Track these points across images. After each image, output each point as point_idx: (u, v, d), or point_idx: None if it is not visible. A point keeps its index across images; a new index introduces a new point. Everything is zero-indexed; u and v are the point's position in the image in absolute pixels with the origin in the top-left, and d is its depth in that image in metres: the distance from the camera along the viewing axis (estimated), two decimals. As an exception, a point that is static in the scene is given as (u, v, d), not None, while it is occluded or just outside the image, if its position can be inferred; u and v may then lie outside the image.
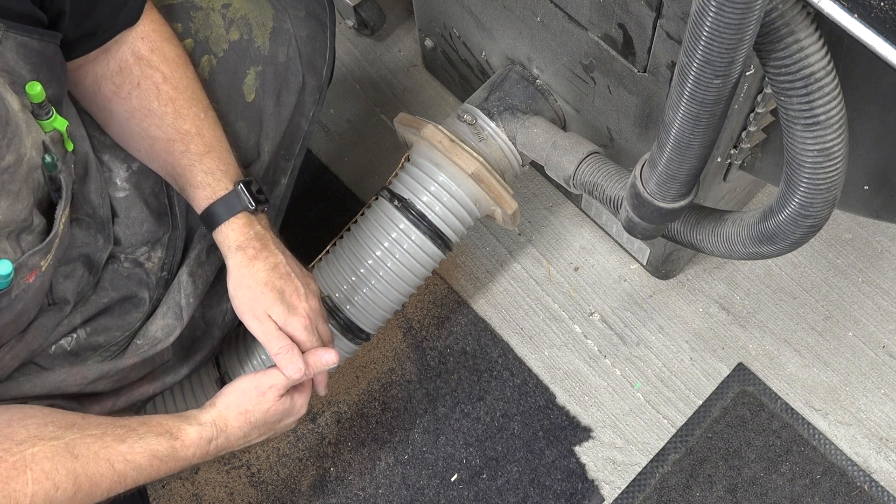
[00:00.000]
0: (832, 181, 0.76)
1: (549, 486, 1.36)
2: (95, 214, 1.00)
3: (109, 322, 1.04)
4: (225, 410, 0.99)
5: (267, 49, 1.08)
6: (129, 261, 1.05)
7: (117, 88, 0.97)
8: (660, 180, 0.88)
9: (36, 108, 0.84)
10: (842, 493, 1.32)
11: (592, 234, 1.51)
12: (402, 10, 1.71)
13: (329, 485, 1.39)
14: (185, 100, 0.99)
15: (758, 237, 0.88)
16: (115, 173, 1.05)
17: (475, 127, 1.23)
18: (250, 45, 1.07)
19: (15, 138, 0.80)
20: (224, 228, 0.99)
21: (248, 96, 1.08)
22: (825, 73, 0.70)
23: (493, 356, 1.45)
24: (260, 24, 1.08)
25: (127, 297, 1.05)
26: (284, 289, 1.00)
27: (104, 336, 1.04)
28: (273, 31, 1.08)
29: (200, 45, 1.05)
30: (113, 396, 1.07)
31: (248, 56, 1.07)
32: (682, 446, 1.37)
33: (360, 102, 1.65)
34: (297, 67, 1.10)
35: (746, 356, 1.42)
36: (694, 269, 1.48)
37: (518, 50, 1.26)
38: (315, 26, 1.11)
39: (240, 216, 0.99)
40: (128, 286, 1.05)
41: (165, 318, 1.06)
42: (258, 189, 1.01)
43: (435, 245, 1.21)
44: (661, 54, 1.00)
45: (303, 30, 1.10)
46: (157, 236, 1.06)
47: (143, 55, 0.97)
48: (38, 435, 0.86)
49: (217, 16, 1.06)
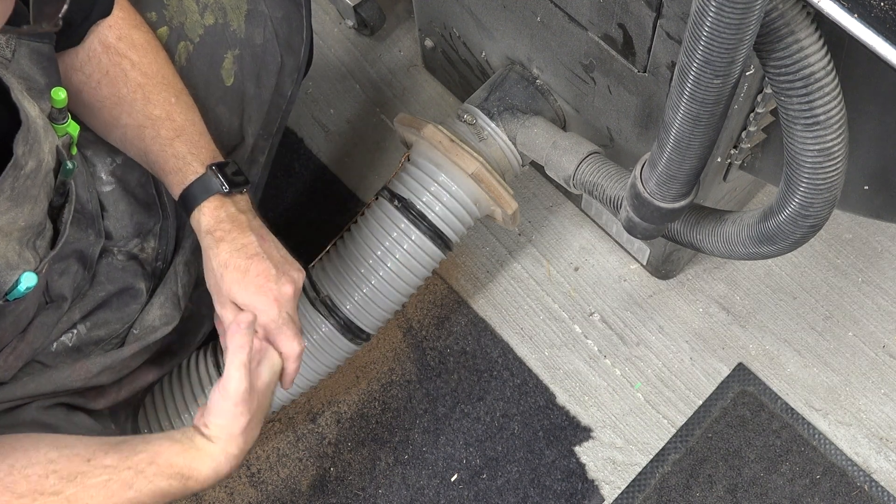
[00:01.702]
0: (832, 181, 0.76)
1: (549, 486, 1.36)
2: (84, 210, 1.01)
3: (109, 315, 1.05)
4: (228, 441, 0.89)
5: (243, 32, 1.07)
6: (123, 253, 1.06)
7: (87, 78, 0.97)
8: (660, 180, 0.88)
9: (55, 112, 0.84)
10: (842, 493, 1.32)
11: (592, 234, 1.51)
12: (402, 10, 1.71)
13: (329, 485, 1.39)
14: (154, 85, 0.97)
15: (758, 237, 0.88)
16: (99, 168, 1.05)
17: (475, 127, 1.23)
18: (226, 29, 1.07)
19: (35, 144, 0.81)
20: (196, 213, 0.96)
21: (226, 80, 1.07)
22: (825, 73, 0.70)
23: (493, 356, 1.45)
24: (234, 7, 1.07)
25: (124, 290, 1.06)
26: (250, 269, 0.93)
27: (104, 329, 1.04)
28: (248, 14, 1.07)
29: (176, 32, 1.05)
30: (116, 387, 1.08)
31: (225, 40, 1.07)
32: (682, 446, 1.37)
33: (360, 102, 1.65)
34: (274, 48, 1.09)
35: (746, 356, 1.42)
36: (694, 269, 1.48)
37: (518, 50, 1.26)
38: (290, 6, 1.10)
39: (211, 199, 0.95)
40: (124, 278, 1.05)
41: (163, 308, 1.06)
42: (235, 171, 0.98)
43: (435, 245, 1.22)
44: (661, 54, 1.00)
45: (278, 11, 1.09)
46: (147, 227, 1.07)
47: (111, 43, 0.96)
48: (38, 489, 0.82)
49: (191, 1, 1.05)
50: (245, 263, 0.93)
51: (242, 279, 0.93)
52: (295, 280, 0.96)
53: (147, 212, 1.07)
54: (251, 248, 0.94)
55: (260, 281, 0.93)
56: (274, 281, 0.93)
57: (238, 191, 0.97)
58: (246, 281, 0.93)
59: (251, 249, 0.94)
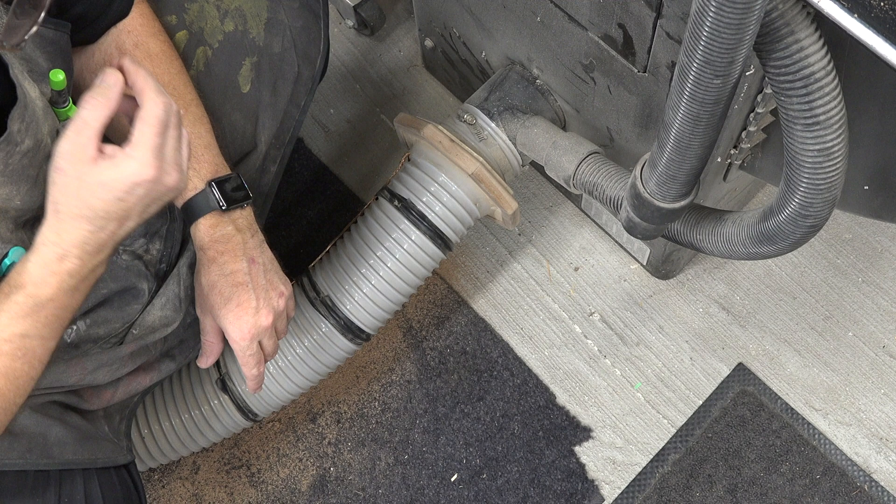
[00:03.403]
0: (832, 181, 0.76)
1: (549, 486, 1.36)
2: None
3: (109, 314, 1.04)
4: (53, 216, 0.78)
5: (262, 40, 1.08)
6: (128, 253, 1.05)
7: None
8: (660, 180, 0.88)
9: (55, 95, 0.84)
10: (842, 493, 1.32)
11: (592, 234, 1.51)
12: (402, 10, 1.71)
13: (329, 485, 1.39)
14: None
15: (758, 237, 0.88)
16: None
17: (475, 127, 1.23)
18: (245, 36, 1.07)
19: (33, 123, 0.81)
20: (193, 228, 0.99)
21: (243, 87, 1.08)
22: (825, 73, 0.70)
23: (493, 356, 1.45)
24: (254, 14, 1.08)
25: (126, 289, 1.05)
26: (232, 298, 0.98)
27: (104, 328, 1.04)
28: (268, 22, 1.08)
29: (195, 37, 1.05)
30: (111, 387, 1.08)
31: (244, 47, 1.07)
32: (682, 446, 1.37)
33: (360, 102, 1.65)
34: (292, 58, 1.10)
35: (746, 356, 1.42)
36: (694, 269, 1.48)
37: (518, 50, 1.26)
38: (309, 17, 1.11)
39: (208, 217, 0.98)
40: (127, 277, 1.05)
41: (164, 310, 1.06)
42: (236, 186, 0.99)
43: (435, 245, 1.22)
44: (661, 54, 1.00)
45: (297, 20, 1.10)
46: (155, 228, 1.07)
47: (127, 50, 0.97)
48: None
49: (212, 7, 1.06)
50: (229, 291, 0.98)
51: (224, 306, 0.98)
52: (276, 308, 1.02)
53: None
54: (238, 277, 0.98)
55: (239, 312, 0.99)
56: (252, 314, 0.99)
57: (237, 206, 0.99)
58: (227, 309, 0.98)
59: (238, 278, 0.98)
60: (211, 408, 1.26)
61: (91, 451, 1.02)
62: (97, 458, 1.02)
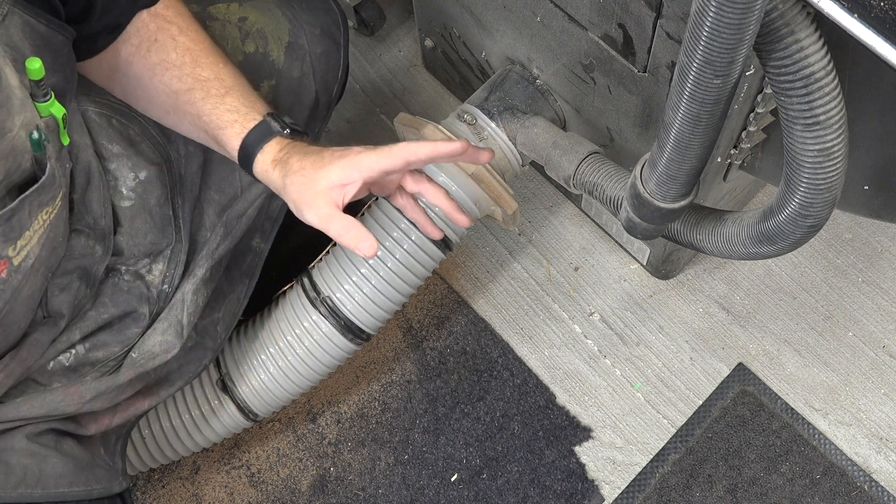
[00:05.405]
0: (832, 181, 0.76)
1: (549, 486, 1.36)
2: (96, 225, 0.99)
3: (108, 338, 1.04)
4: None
5: (282, 63, 1.08)
6: (130, 273, 1.04)
7: (136, 49, 0.96)
8: (660, 180, 0.88)
9: (34, 86, 0.82)
10: (842, 493, 1.32)
11: (592, 234, 1.51)
12: (402, 10, 1.71)
13: (329, 485, 1.39)
14: (201, 50, 0.97)
15: (758, 237, 0.88)
16: (121, 182, 1.03)
17: (475, 127, 1.23)
18: (265, 59, 1.07)
19: (3, 108, 0.78)
20: (259, 159, 0.94)
21: None
22: (825, 73, 0.70)
23: (493, 356, 1.45)
24: (276, 38, 1.08)
25: (127, 313, 1.04)
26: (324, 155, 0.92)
27: (103, 351, 1.03)
28: (288, 46, 1.08)
29: None
30: (109, 414, 1.06)
31: (263, 68, 1.07)
32: (682, 446, 1.37)
33: (360, 102, 1.65)
34: (310, 84, 1.10)
35: (746, 356, 1.42)
36: (694, 269, 1.48)
37: (518, 50, 1.26)
38: (329, 44, 1.11)
39: (273, 143, 0.93)
40: (128, 301, 1.04)
41: (165, 335, 1.05)
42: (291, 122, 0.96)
43: (435, 245, 1.22)
44: (661, 54, 1.00)
45: (317, 47, 1.10)
46: (159, 248, 1.06)
47: (158, 12, 0.96)
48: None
49: (233, 28, 1.06)
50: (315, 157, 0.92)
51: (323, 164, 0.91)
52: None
53: (161, 232, 1.05)
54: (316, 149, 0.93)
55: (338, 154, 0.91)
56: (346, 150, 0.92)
57: (299, 138, 0.96)
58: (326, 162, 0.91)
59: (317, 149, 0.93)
60: (211, 408, 1.26)
61: (86, 481, 1.00)
62: (92, 489, 1.00)
